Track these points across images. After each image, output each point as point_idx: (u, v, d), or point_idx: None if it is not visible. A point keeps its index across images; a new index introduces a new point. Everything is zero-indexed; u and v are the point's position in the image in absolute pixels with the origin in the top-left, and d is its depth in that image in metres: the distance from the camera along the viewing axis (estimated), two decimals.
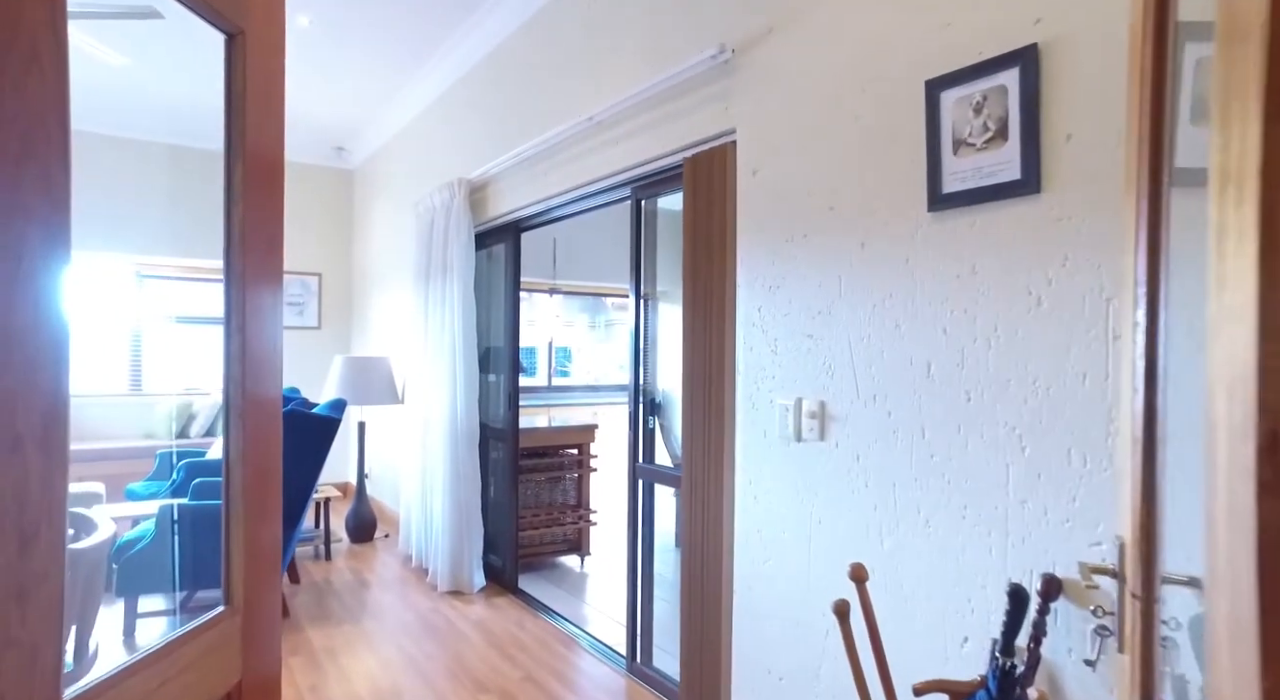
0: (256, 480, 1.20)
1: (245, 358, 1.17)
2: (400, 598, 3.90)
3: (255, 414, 1.19)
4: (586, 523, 4.64)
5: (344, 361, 4.86)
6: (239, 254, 1.16)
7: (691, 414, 2.41)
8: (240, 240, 1.17)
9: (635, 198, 3.00)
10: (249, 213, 1.18)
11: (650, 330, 3.13)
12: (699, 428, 2.38)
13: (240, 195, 1.18)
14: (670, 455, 4.83)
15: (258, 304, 1.20)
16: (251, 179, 1.20)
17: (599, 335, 9.42)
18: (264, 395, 1.21)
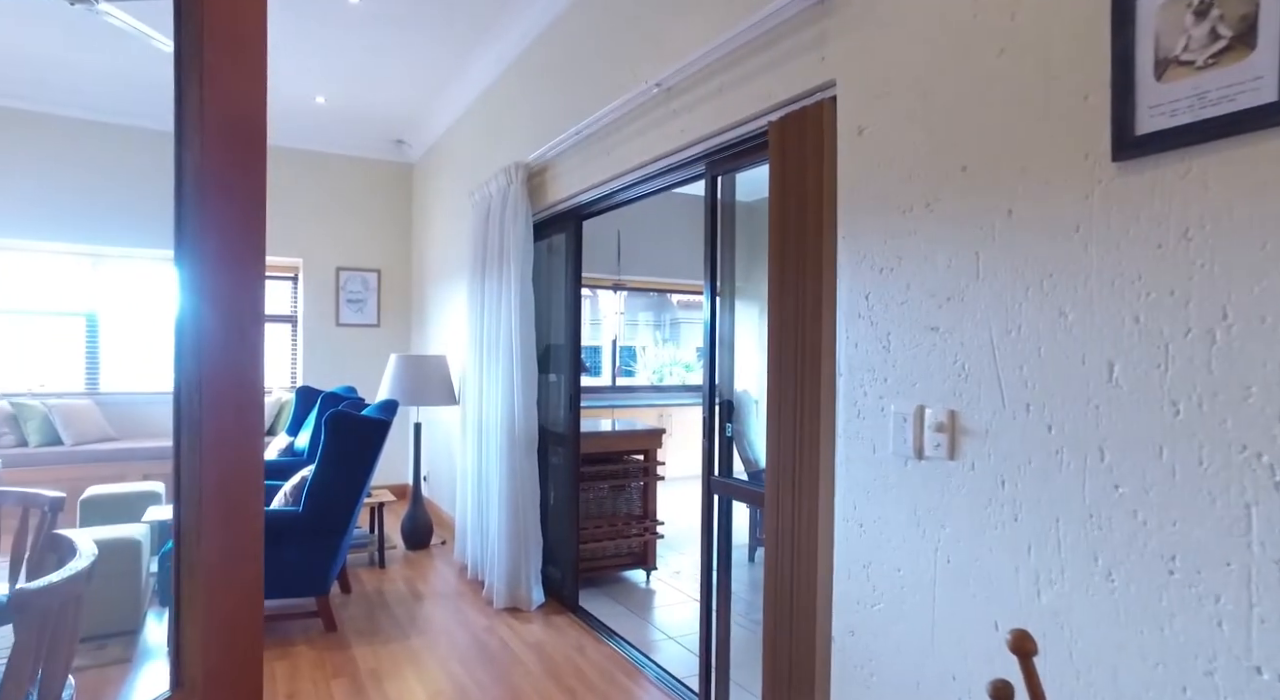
0: (220, 514, 0.89)
1: (203, 359, 0.87)
2: (454, 613, 3.64)
3: (220, 430, 0.88)
4: (653, 535, 4.30)
5: (399, 360, 4.66)
6: (199, 241, 0.86)
7: (779, 423, 2.04)
8: (199, 228, 0.87)
9: (710, 174, 2.64)
10: (211, 190, 0.88)
11: (726, 328, 2.76)
12: (787, 438, 2.00)
13: (199, 170, 0.88)
14: (743, 460, 4.45)
15: (227, 298, 0.89)
16: (216, 148, 0.89)
17: (664, 334, 9.09)
18: (234, 405, 0.90)
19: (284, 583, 3.25)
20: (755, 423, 4.78)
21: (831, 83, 1.92)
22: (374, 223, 6.39)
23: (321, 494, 3.28)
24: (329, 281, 6.21)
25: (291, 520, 3.23)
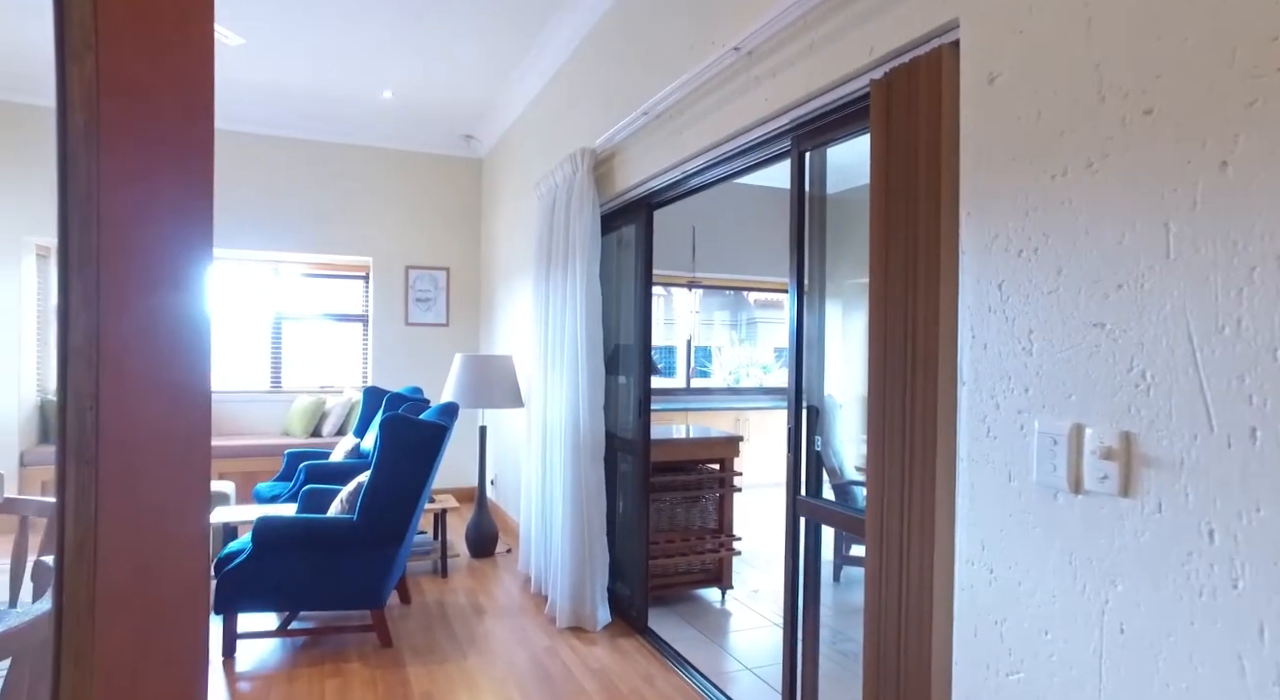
0: (129, 579, 0.65)
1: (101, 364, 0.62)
2: (515, 631, 3.42)
3: (127, 465, 0.64)
4: (729, 551, 3.97)
5: (463, 360, 4.49)
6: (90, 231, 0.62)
7: (882, 441, 1.69)
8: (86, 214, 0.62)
9: (797, 150, 2.30)
10: (114, 154, 0.64)
11: (813, 328, 2.42)
12: (893, 460, 1.65)
13: (83, 138, 0.63)
14: (827, 471, 4.06)
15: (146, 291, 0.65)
16: (114, 98, 0.65)
17: (741, 334, 8.72)
18: (156, 432, 0.66)
19: (338, 595, 3.09)
20: (840, 429, 4.39)
21: (953, 23, 1.57)
22: (443, 220, 6.29)
23: (377, 502, 3.11)
24: (398, 280, 6.14)
25: (346, 529, 3.07)
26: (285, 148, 5.78)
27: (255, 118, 5.60)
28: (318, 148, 5.86)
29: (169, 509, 0.69)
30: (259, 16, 4.01)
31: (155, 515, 0.67)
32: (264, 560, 3.02)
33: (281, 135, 5.75)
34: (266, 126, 5.68)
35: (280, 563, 3.04)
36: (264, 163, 5.73)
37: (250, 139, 5.68)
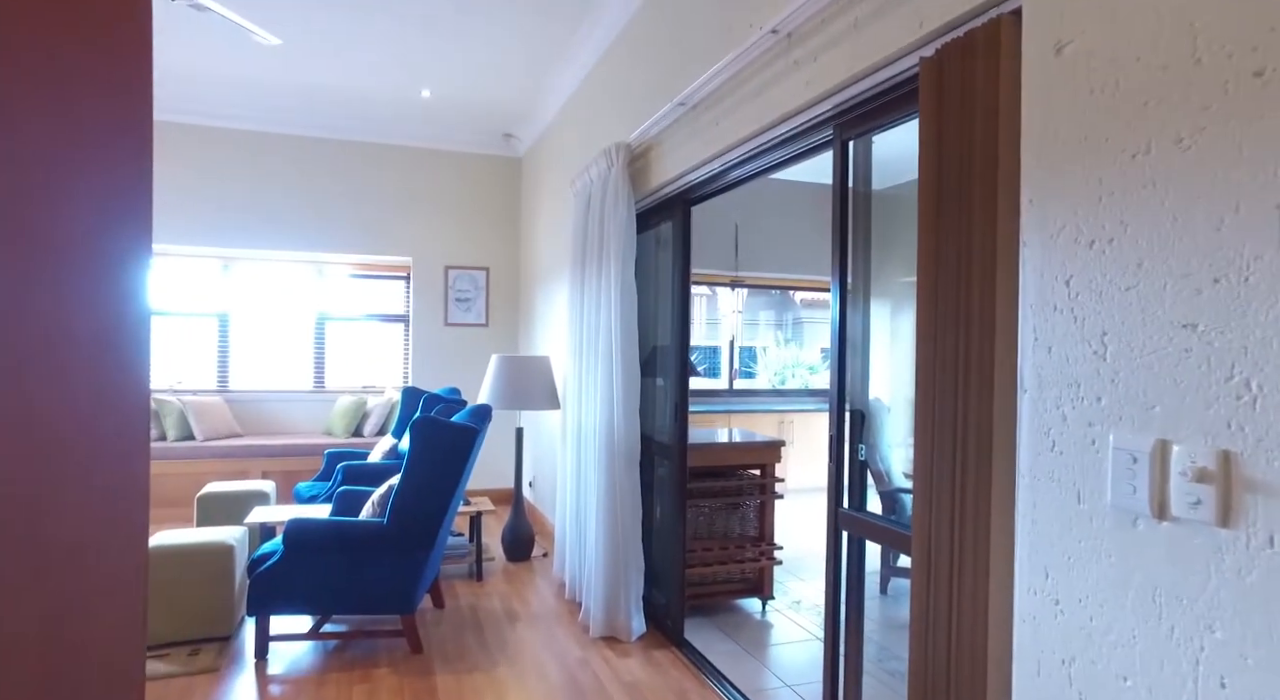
0: (29, 627, 0.55)
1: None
2: (546, 639, 3.33)
3: (26, 485, 0.54)
4: (769, 560, 3.81)
5: (499, 361, 4.43)
6: None
7: (931, 452, 1.53)
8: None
9: (839, 139, 2.15)
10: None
11: (857, 328, 2.26)
12: (943, 473, 1.49)
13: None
14: (874, 476, 3.87)
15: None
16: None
17: (786, 334, 8.51)
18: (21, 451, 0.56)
19: (368, 599, 3.04)
20: (889, 433, 4.19)
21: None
22: (483, 220, 6.27)
23: (407, 505, 3.05)
24: (438, 280, 6.13)
25: (376, 532, 3.03)
26: (325, 149, 5.82)
27: (295, 120, 5.65)
28: (358, 148, 5.89)
29: (88, 545, 0.60)
30: (295, 18, 4.01)
31: (68, 554, 0.58)
32: (295, 563, 2.99)
33: (321, 136, 5.79)
34: (305, 128, 5.72)
35: (311, 565, 3.00)
36: (304, 164, 5.78)
37: (290, 140, 5.73)
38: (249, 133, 5.64)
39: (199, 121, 5.51)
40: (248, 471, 5.51)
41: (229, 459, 5.49)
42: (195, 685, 2.83)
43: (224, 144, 5.60)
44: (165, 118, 5.43)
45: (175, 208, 5.51)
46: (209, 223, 5.58)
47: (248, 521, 3.67)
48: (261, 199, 5.69)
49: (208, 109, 5.46)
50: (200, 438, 5.56)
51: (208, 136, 5.56)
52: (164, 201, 5.48)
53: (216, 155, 5.59)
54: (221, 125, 5.56)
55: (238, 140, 5.62)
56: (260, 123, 5.62)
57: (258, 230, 5.69)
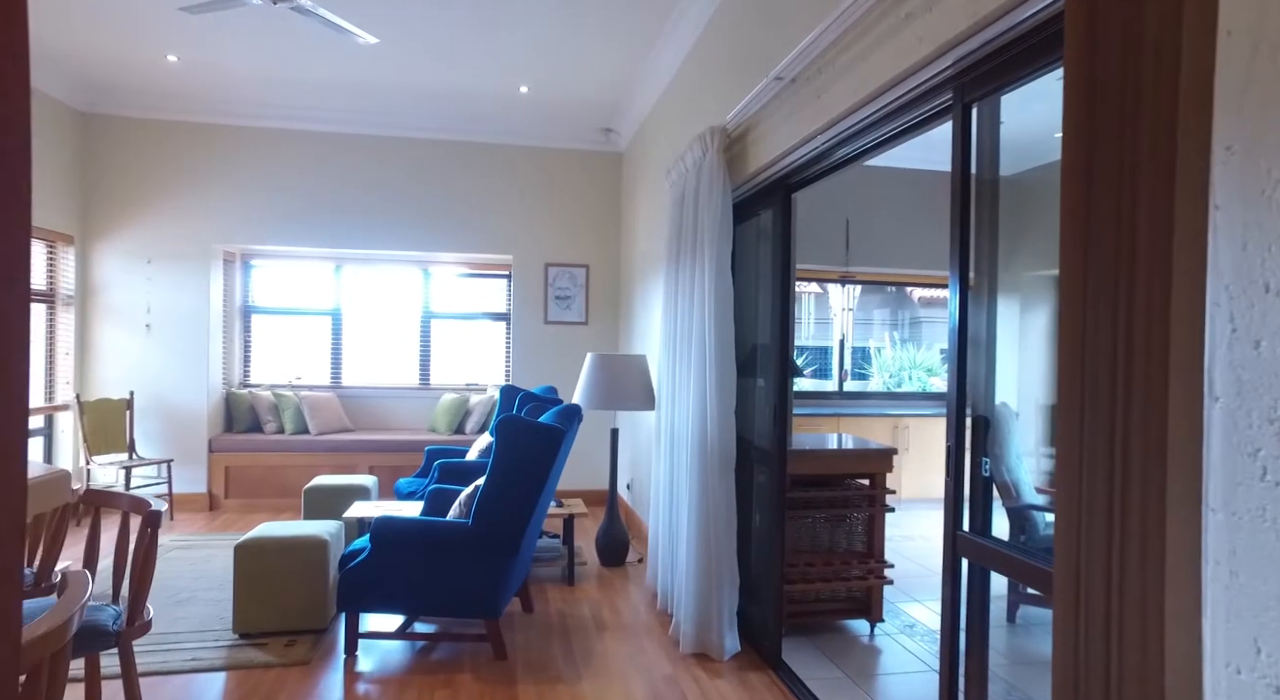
0: None
1: None
2: (635, 653, 3.16)
3: None
4: (879, 579, 3.48)
5: (594, 360, 4.31)
6: None
7: (1079, 474, 1.23)
8: None
9: (961, 102, 1.85)
10: None
11: (981, 326, 1.94)
12: (1097, 502, 1.19)
13: None
14: (999, 487, 3.44)
15: None
16: None
17: (902, 333, 7.98)
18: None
19: (453, 601, 2.98)
20: (1017, 441, 3.75)
21: None
22: (583, 216, 6.20)
23: (491, 507, 2.97)
24: (538, 278, 6.12)
25: (459, 534, 2.96)
26: (427, 149, 5.93)
27: (399, 122, 5.78)
28: (459, 147, 5.96)
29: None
30: (392, 20, 4.05)
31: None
32: (382, 561, 2.97)
33: (424, 137, 5.90)
34: (408, 130, 5.84)
35: (397, 564, 2.97)
36: (408, 165, 5.90)
37: (394, 142, 5.87)
38: (354, 136, 5.82)
39: (309, 127, 5.74)
40: (355, 466, 5.68)
41: (339, 453, 5.69)
42: (287, 677, 2.86)
43: (331, 148, 5.80)
44: (277, 125, 5.69)
45: (290, 211, 5.76)
46: (321, 225, 5.81)
47: (345, 516, 3.73)
48: (367, 200, 5.86)
49: (316, 115, 5.68)
50: (314, 432, 5.79)
51: (317, 141, 5.78)
52: (279, 205, 5.75)
53: (325, 159, 5.80)
54: (330, 130, 5.77)
55: (345, 144, 5.82)
56: (365, 126, 5.78)
57: (365, 231, 5.86)
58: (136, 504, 1.75)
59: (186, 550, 4.54)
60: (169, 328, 5.62)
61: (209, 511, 5.59)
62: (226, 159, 5.67)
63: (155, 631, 3.24)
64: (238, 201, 5.70)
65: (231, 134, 5.68)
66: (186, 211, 5.63)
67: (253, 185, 5.71)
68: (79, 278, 5.49)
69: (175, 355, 5.63)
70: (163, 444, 5.62)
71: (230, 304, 6.08)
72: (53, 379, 5.38)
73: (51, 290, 5.32)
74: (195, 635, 3.22)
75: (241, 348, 6.23)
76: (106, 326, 5.57)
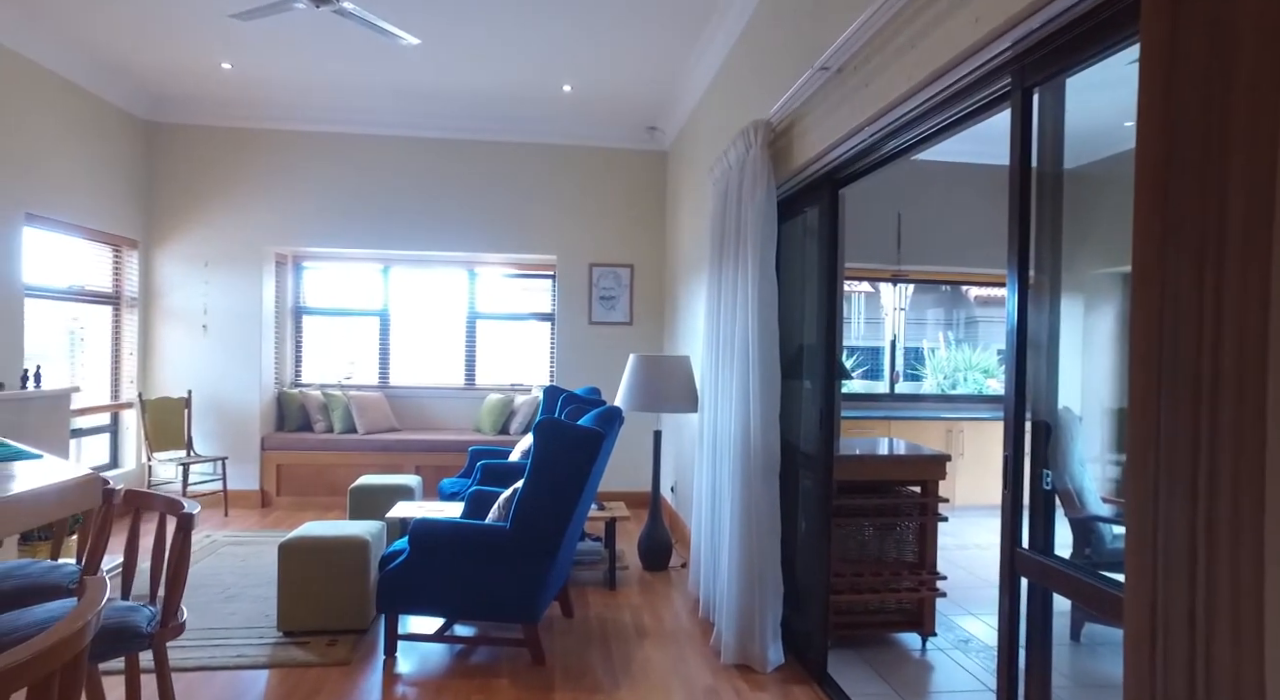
0: None
1: None
2: (675, 661, 3.08)
3: None
4: (931, 591, 3.33)
5: (636, 361, 4.25)
6: None
7: (1155, 489, 1.11)
8: None
9: (1020, 87, 1.73)
10: None
11: (1047, 327, 1.81)
12: (1178, 523, 1.07)
13: None
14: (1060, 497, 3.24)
15: None
16: None
17: (957, 333, 7.71)
18: None
19: (490, 605, 2.95)
20: (1080, 448, 3.54)
21: None
22: (627, 216, 6.15)
23: (529, 511, 2.93)
24: (582, 278, 6.09)
25: (497, 537, 2.93)
26: (472, 150, 5.95)
27: (443, 123, 5.81)
28: (503, 148, 5.97)
29: None
30: (434, 20, 4.05)
31: None
32: (420, 563, 2.97)
33: (468, 138, 5.92)
34: (452, 131, 5.88)
35: (435, 567, 2.96)
36: (452, 166, 5.94)
37: (438, 144, 5.91)
38: (400, 138, 5.88)
39: (357, 130, 5.82)
40: (401, 465, 5.74)
41: (385, 452, 5.76)
42: (328, 676, 2.87)
43: (379, 150, 5.88)
44: (326, 129, 5.79)
45: (339, 213, 5.86)
46: (369, 226, 5.89)
47: (388, 516, 3.75)
48: (413, 201, 5.91)
49: (364, 118, 5.75)
50: (362, 431, 5.87)
51: (365, 144, 5.86)
52: (329, 207, 5.85)
53: (373, 161, 5.88)
54: (377, 132, 5.84)
55: (391, 146, 5.88)
56: (411, 128, 5.84)
57: (411, 232, 5.92)
58: (172, 505, 1.76)
59: (238, 546, 4.64)
60: (224, 329, 5.78)
61: (261, 508, 5.72)
62: (278, 163, 5.80)
63: (205, 626, 3.30)
64: (289, 205, 5.82)
65: (283, 139, 5.80)
66: (241, 215, 5.77)
67: (303, 188, 5.82)
68: (142, 281, 5.68)
69: (230, 355, 5.78)
70: (218, 442, 5.77)
71: (282, 305, 6.21)
72: (118, 378, 5.58)
73: (117, 293, 5.51)
74: (242, 631, 3.27)
75: (293, 348, 6.36)
76: (166, 327, 5.75)
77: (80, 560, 2.13)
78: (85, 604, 1.04)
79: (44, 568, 2.15)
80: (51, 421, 4.51)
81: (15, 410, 4.21)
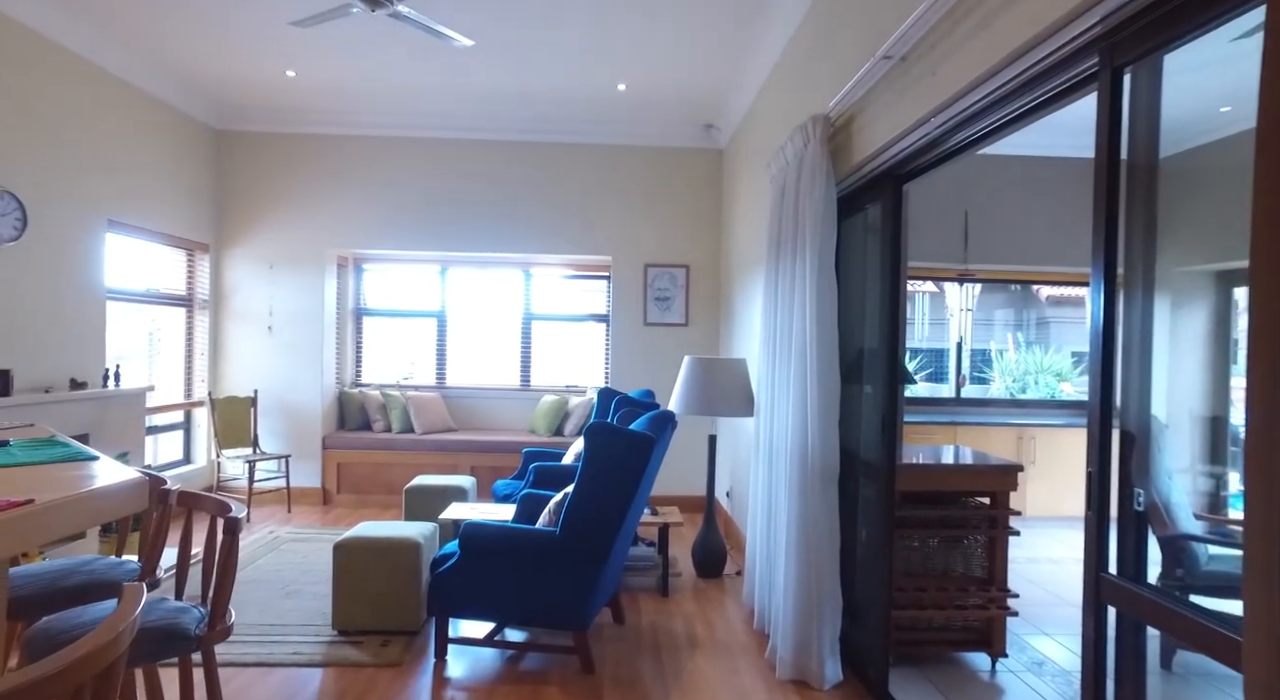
0: None
1: None
2: (728, 674, 2.99)
3: None
4: (1001, 609, 3.14)
5: (691, 364, 4.16)
6: None
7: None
8: None
9: (1109, 66, 1.58)
10: None
11: (1137, 328, 1.66)
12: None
13: None
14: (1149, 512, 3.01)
15: None
16: None
17: (1028, 335, 7.37)
18: None
19: (539, 611, 2.92)
20: (1167, 458, 3.29)
21: None
22: (683, 215, 6.06)
23: (579, 516, 2.88)
24: (637, 279, 6.03)
25: (546, 543, 2.89)
26: (526, 151, 5.96)
27: (497, 126, 5.83)
28: (558, 149, 5.96)
29: None
30: (487, 22, 4.05)
31: None
32: (469, 567, 2.95)
33: (522, 140, 5.93)
34: (507, 132, 5.89)
35: (484, 571, 2.94)
36: (507, 167, 5.96)
37: (491, 145, 5.93)
38: (456, 140, 5.93)
39: (414, 133, 5.90)
40: (457, 465, 5.79)
41: (442, 452, 5.82)
42: (379, 677, 2.88)
43: (435, 152, 5.94)
44: (385, 133, 5.88)
45: (397, 215, 5.95)
46: (426, 228, 5.96)
47: (441, 518, 3.76)
48: (469, 202, 5.96)
49: (420, 121, 5.82)
50: (419, 431, 5.95)
51: (422, 147, 5.93)
52: (387, 210, 5.94)
53: (430, 163, 5.94)
54: (433, 135, 5.90)
55: (447, 148, 5.94)
56: (466, 130, 5.88)
57: (467, 233, 5.97)
58: (221, 507, 1.77)
59: (300, 543, 4.74)
60: (288, 329, 5.93)
61: (323, 506, 5.85)
62: (339, 167, 5.92)
63: (265, 622, 3.36)
64: (349, 207, 5.94)
65: (343, 143, 5.92)
66: (304, 218, 5.92)
67: (363, 191, 5.94)
68: (212, 283, 5.89)
69: (294, 356, 5.93)
70: (282, 440, 5.93)
71: (343, 306, 6.35)
72: (190, 377, 5.79)
73: (190, 295, 5.72)
74: (299, 628, 3.32)
75: (353, 348, 6.50)
76: (235, 328, 5.95)
77: (141, 557, 2.18)
78: (117, 616, 1.02)
79: (108, 564, 2.21)
80: (129, 419, 4.70)
81: (97, 408, 4.40)
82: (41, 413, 3.93)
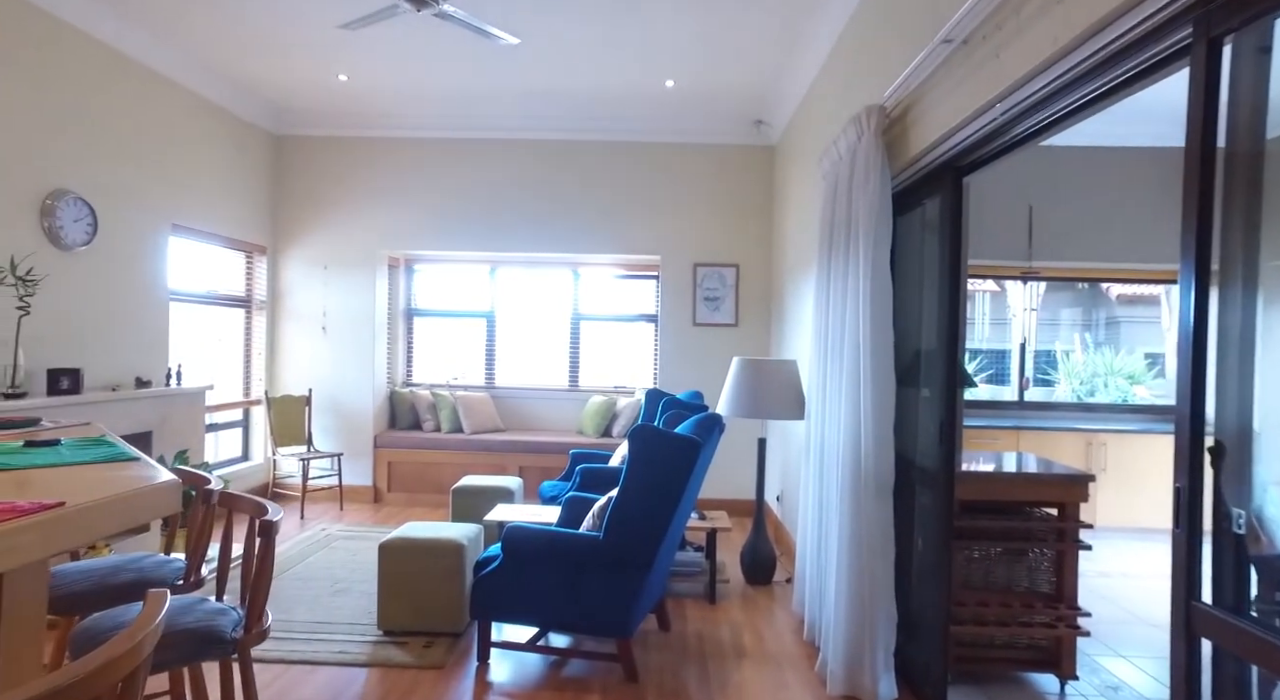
0: None
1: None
2: (775, 687, 2.88)
3: None
4: (1070, 627, 2.95)
5: (740, 365, 4.06)
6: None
7: None
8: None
9: (1205, 37, 1.42)
10: None
11: (1232, 329, 1.50)
12: None
13: None
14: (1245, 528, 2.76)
15: None
16: None
17: (1097, 336, 7.01)
18: None
19: (582, 617, 2.86)
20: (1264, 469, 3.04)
21: None
22: (733, 214, 5.94)
23: (623, 521, 2.81)
24: (686, 278, 5.94)
25: (589, 548, 2.83)
26: (574, 150, 5.93)
27: (545, 125, 5.81)
28: (606, 147, 5.91)
29: None
30: (533, 20, 4.02)
31: None
32: (512, 570, 2.91)
33: (570, 139, 5.90)
34: (555, 131, 5.87)
35: (527, 575, 2.90)
36: (554, 166, 5.93)
37: (539, 144, 5.92)
38: (504, 140, 5.93)
39: (463, 135, 5.92)
40: (505, 466, 5.79)
41: (490, 452, 5.83)
42: (422, 678, 2.87)
43: (484, 153, 5.96)
44: (434, 134, 5.92)
45: (447, 216, 5.99)
46: (475, 228, 5.99)
47: (485, 519, 3.74)
48: (518, 203, 5.96)
49: (469, 122, 5.85)
50: (468, 431, 5.98)
51: (470, 147, 5.96)
52: (437, 211, 5.99)
53: (478, 164, 5.97)
54: (481, 135, 5.92)
55: (496, 148, 5.95)
56: (514, 130, 5.88)
57: (516, 233, 5.97)
58: (258, 509, 1.75)
59: (351, 541, 4.80)
60: (341, 330, 6.04)
61: (374, 504, 5.93)
62: (390, 169, 6.00)
63: (314, 620, 3.40)
64: (400, 209, 6.01)
65: (394, 146, 5.99)
66: (356, 220, 6.02)
67: (413, 193, 6.00)
68: (269, 284, 6.03)
69: (346, 355, 6.03)
70: (335, 438, 6.03)
71: (394, 307, 6.43)
72: (248, 377, 5.94)
73: (248, 296, 5.87)
74: (346, 627, 3.34)
75: (404, 348, 6.57)
76: (290, 328, 6.08)
77: (187, 556, 2.19)
78: (137, 625, 0.99)
79: (156, 562, 2.23)
80: (190, 416, 4.83)
81: (160, 406, 4.54)
82: (108, 410, 4.06)
